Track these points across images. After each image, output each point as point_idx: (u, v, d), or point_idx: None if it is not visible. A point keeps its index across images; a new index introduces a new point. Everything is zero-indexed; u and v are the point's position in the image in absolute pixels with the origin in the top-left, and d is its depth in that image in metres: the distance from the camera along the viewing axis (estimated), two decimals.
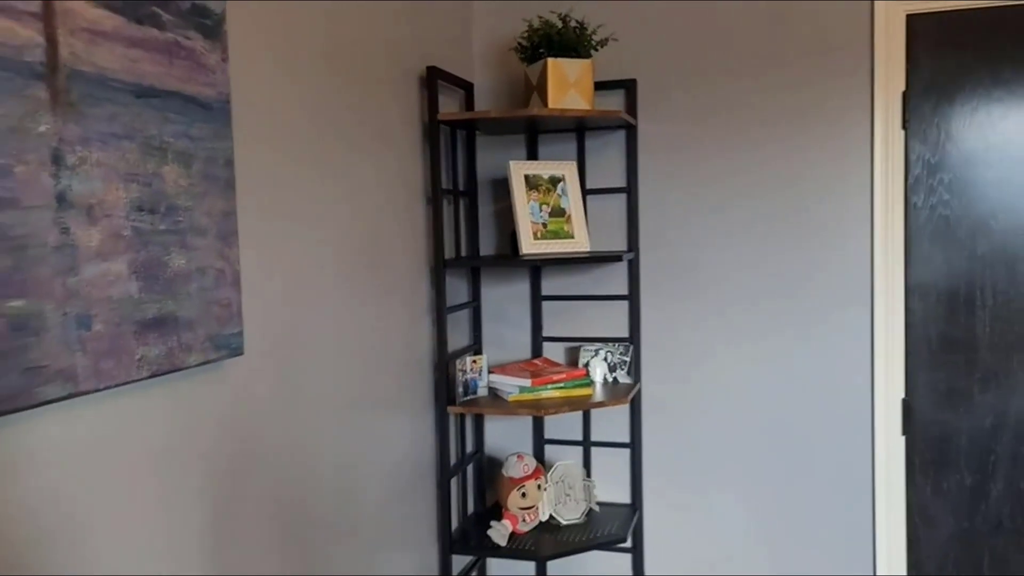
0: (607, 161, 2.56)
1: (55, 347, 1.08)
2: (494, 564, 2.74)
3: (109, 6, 1.17)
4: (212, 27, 1.38)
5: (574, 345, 2.63)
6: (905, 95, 2.29)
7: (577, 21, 2.33)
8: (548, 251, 2.36)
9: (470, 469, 2.61)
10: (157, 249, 1.26)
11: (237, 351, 1.44)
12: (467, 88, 2.53)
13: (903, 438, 2.36)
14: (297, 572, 1.68)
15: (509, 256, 2.43)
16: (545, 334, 2.66)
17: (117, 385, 1.18)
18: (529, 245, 2.33)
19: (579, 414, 2.64)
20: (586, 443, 2.64)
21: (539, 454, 2.66)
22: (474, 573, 2.59)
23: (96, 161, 1.14)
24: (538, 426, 2.67)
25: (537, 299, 2.64)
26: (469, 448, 2.61)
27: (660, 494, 2.59)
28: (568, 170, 2.45)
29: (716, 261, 2.49)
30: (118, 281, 1.18)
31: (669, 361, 2.55)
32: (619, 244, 2.57)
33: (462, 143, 2.56)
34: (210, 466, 1.43)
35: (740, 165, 2.45)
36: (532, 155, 2.61)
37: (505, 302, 2.68)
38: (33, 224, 1.05)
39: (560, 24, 2.30)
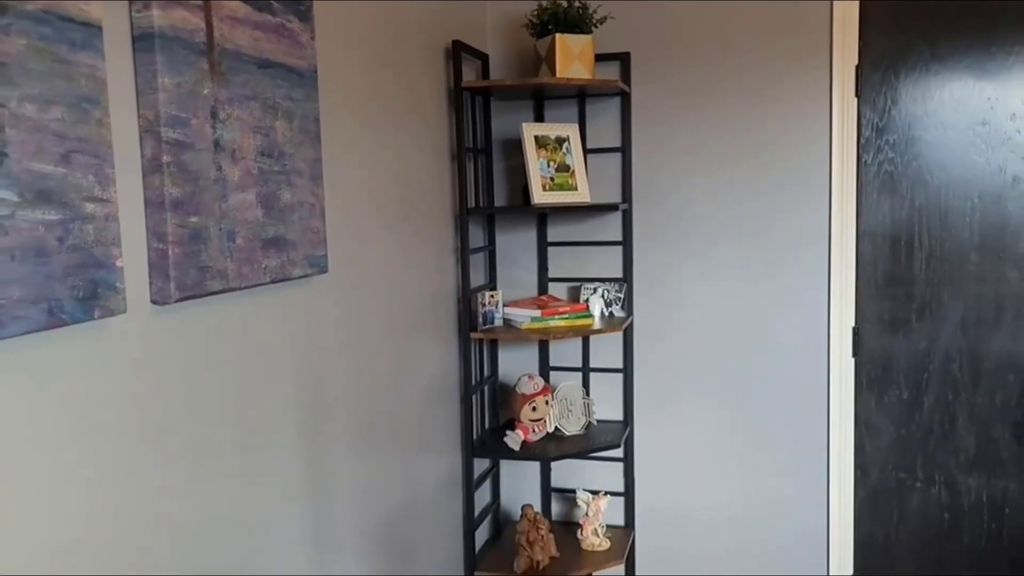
0: (604, 124, 2.96)
1: (215, 253, 1.47)
2: (506, 467, 3.17)
3: None
4: (304, 12, 1.76)
5: (575, 284, 3.05)
6: (858, 68, 2.69)
7: (580, 1, 2.71)
8: (555, 201, 2.76)
9: (486, 390, 3.03)
10: (273, 185, 1.65)
11: (324, 269, 1.84)
12: (483, 59, 2.91)
13: (853, 360, 2.80)
14: (354, 464, 2.09)
15: (521, 205, 2.83)
16: (550, 275, 3.07)
17: (251, 286, 1.58)
18: (539, 196, 2.73)
19: (579, 344, 3.06)
20: (585, 369, 3.07)
21: (544, 378, 3.08)
22: (489, 480, 3.03)
23: (236, 116, 1.53)
24: (544, 354, 3.09)
25: (544, 244, 3.05)
26: (486, 373, 3.03)
27: (647, 411, 3.02)
28: (571, 131, 2.84)
29: (697, 210, 2.90)
30: (250, 208, 1.57)
31: (657, 297, 2.98)
32: (615, 196, 2.98)
33: (480, 107, 2.94)
34: (305, 357, 1.83)
35: (719, 128, 2.85)
36: (539, 118, 3.00)
37: (516, 247, 3.08)
38: (201, 162, 1.44)
39: (566, 4, 2.68)
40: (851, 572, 2.85)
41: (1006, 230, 2.63)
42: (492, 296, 2.82)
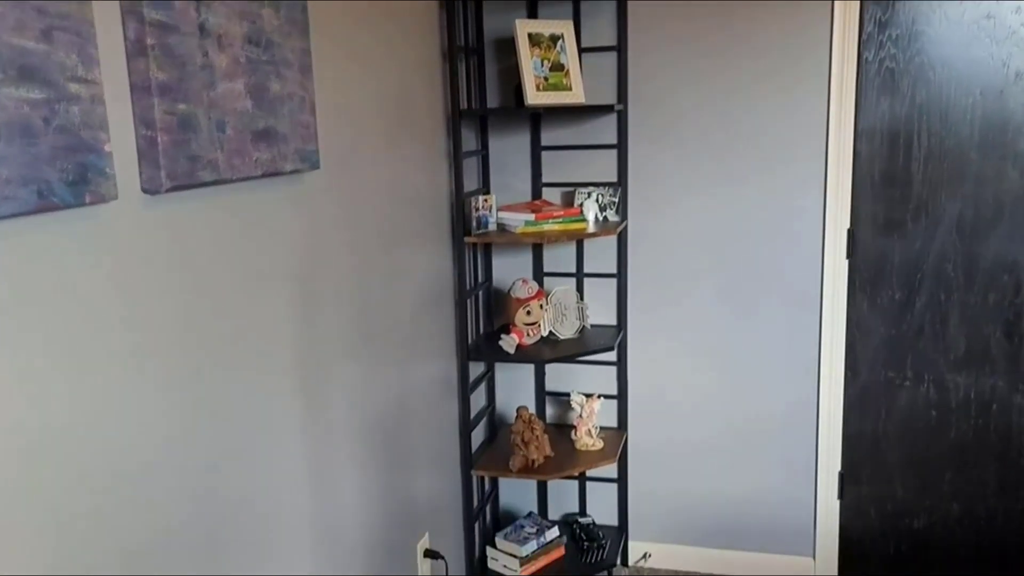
0: (600, 23, 2.88)
1: (205, 143, 1.44)
2: (501, 371, 3.20)
3: None
4: None
5: (569, 190, 3.02)
6: None
7: None
8: (550, 102, 2.70)
9: (480, 295, 3.04)
10: (261, 76, 1.60)
11: (315, 165, 1.80)
12: None
13: (847, 262, 2.81)
14: (350, 365, 2.10)
15: (514, 107, 2.78)
16: (544, 180, 3.04)
17: (243, 179, 1.55)
18: (533, 96, 2.67)
19: (573, 249, 3.06)
20: (579, 274, 3.07)
21: (539, 283, 3.08)
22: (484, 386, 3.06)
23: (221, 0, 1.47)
24: (538, 259, 3.08)
25: (537, 148, 3.00)
26: (480, 278, 3.02)
27: (641, 315, 3.04)
28: (566, 29, 2.76)
29: (694, 112, 2.86)
30: (239, 98, 1.53)
31: (652, 201, 2.96)
32: (610, 98, 2.92)
33: (472, 5, 2.85)
34: (300, 254, 1.82)
35: (717, 26, 2.78)
36: (532, 16, 2.91)
37: (509, 151, 3.04)
38: (187, 46, 1.39)
39: None
40: (839, 467, 2.93)
41: (1007, 127, 2.60)
42: (486, 200, 2.79)
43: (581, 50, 2.88)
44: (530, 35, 2.69)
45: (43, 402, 1.15)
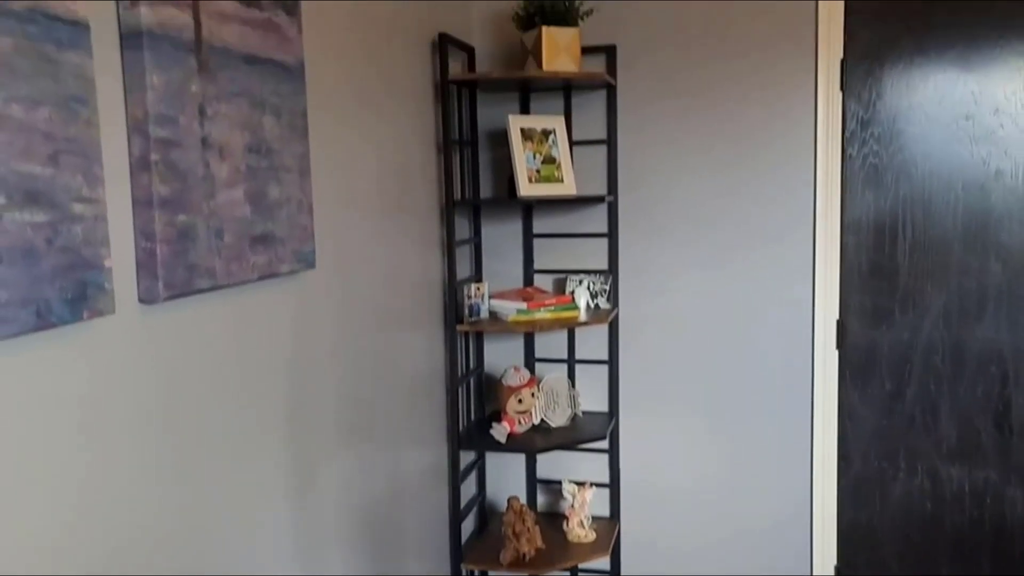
0: (591, 116, 2.96)
1: (203, 252, 1.46)
2: (492, 459, 3.18)
3: None
4: (291, 6, 1.74)
5: (561, 276, 3.05)
6: (843, 62, 2.71)
7: None
8: (541, 194, 2.75)
9: (472, 382, 3.03)
10: (261, 182, 1.63)
11: (311, 265, 1.83)
12: (469, 51, 2.89)
13: (837, 352, 2.83)
14: (341, 456, 2.09)
15: (507, 197, 2.83)
16: (536, 267, 3.07)
17: (239, 284, 1.56)
18: (525, 188, 2.72)
19: (565, 336, 3.07)
20: (571, 360, 3.08)
21: (530, 370, 3.09)
22: (475, 471, 3.04)
23: (224, 113, 1.51)
24: (529, 346, 3.09)
25: (529, 236, 3.04)
26: (472, 364, 3.03)
27: (633, 403, 3.04)
28: (558, 123, 2.83)
29: (683, 202, 2.91)
30: (238, 205, 1.56)
31: (642, 289, 2.99)
32: (601, 188, 2.98)
33: (465, 99, 2.93)
34: (293, 352, 1.82)
35: (704, 120, 2.86)
36: (525, 110, 2.99)
37: (502, 238, 3.08)
38: (189, 159, 1.42)
39: None
40: (834, 560, 2.89)
41: (989, 221, 2.66)
42: (478, 288, 2.81)
43: (572, 143, 2.95)
44: (522, 130, 2.75)
45: (44, 515, 1.14)
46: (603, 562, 3.05)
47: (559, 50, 2.65)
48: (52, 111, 1.12)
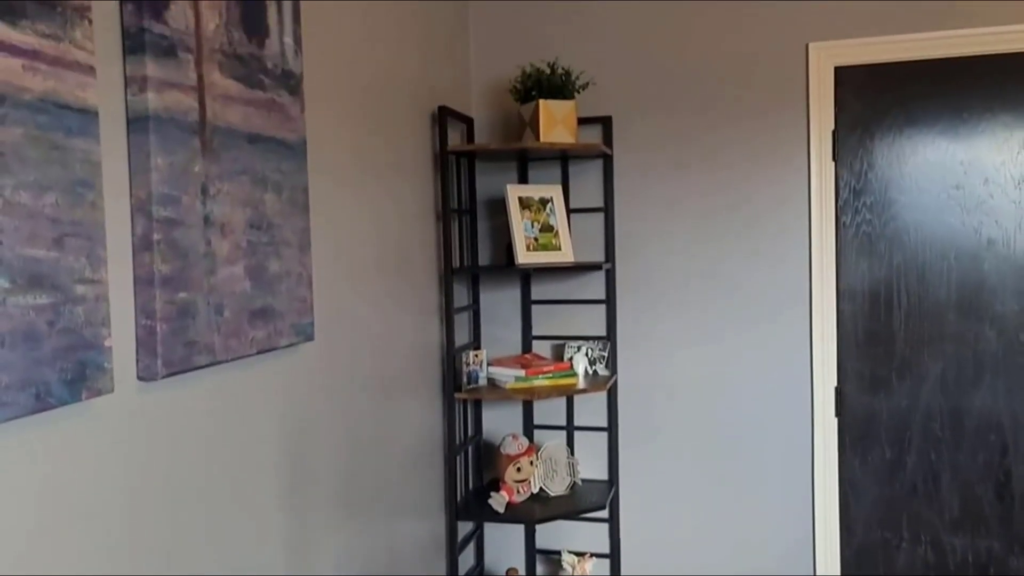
0: (588, 184, 3.00)
1: (203, 328, 1.47)
2: (491, 529, 3.13)
3: (235, 76, 1.57)
4: (294, 86, 1.78)
5: (559, 343, 3.06)
6: (835, 133, 2.76)
7: (563, 68, 2.77)
8: (539, 261, 2.78)
9: (470, 450, 3.01)
10: (261, 257, 1.66)
11: (310, 337, 1.84)
12: (468, 122, 2.95)
13: (836, 419, 2.82)
14: (338, 527, 2.07)
15: (505, 265, 2.85)
16: (534, 333, 3.08)
17: (237, 359, 1.57)
18: (523, 256, 2.75)
19: (563, 402, 3.06)
20: (570, 427, 3.06)
21: (529, 437, 3.07)
22: (473, 540, 2.99)
23: (226, 191, 1.54)
24: (528, 413, 3.08)
25: (527, 303, 3.06)
26: (470, 432, 3.01)
27: (633, 470, 3.01)
28: (555, 192, 2.88)
29: (680, 270, 2.94)
30: (238, 281, 1.58)
31: (640, 355, 2.99)
32: (598, 255, 3.01)
33: (465, 169, 2.98)
34: (290, 425, 1.82)
35: (699, 190, 2.90)
36: (523, 179, 3.04)
37: (500, 305, 3.10)
38: (191, 238, 1.44)
39: (549, 71, 2.74)
40: None
41: (983, 290, 2.68)
42: (476, 355, 2.82)
43: (570, 210, 2.99)
44: (520, 199, 2.79)
45: None
46: None
47: (556, 122, 2.71)
48: (59, 196, 1.15)
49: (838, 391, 2.81)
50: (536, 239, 2.80)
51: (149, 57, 1.33)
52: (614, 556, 2.99)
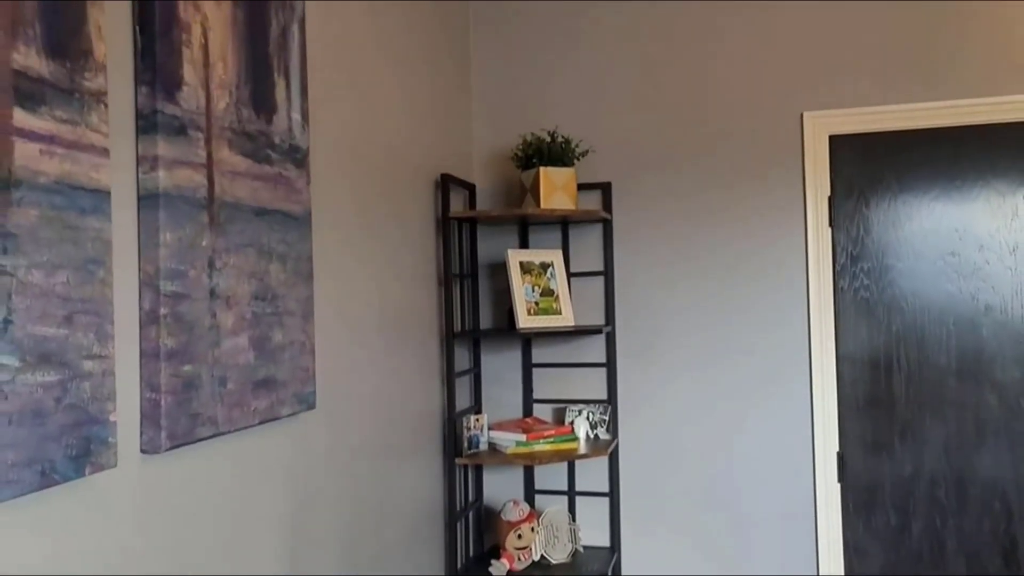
0: (587, 249, 3.04)
1: (206, 400, 1.48)
2: None
3: (243, 152, 1.61)
4: (301, 159, 1.83)
5: (560, 406, 3.06)
6: (831, 199, 2.81)
7: (563, 136, 2.83)
8: (540, 325, 2.80)
9: (471, 516, 2.99)
10: (265, 327, 1.68)
11: (312, 406, 1.85)
12: (470, 188, 3.01)
13: (839, 485, 2.80)
14: None
15: (506, 329, 2.87)
16: (535, 396, 3.08)
17: (239, 429, 1.58)
18: (524, 320, 2.77)
19: (565, 467, 3.05)
20: (571, 492, 3.04)
21: (530, 502, 3.05)
22: None
23: (232, 264, 1.57)
24: (529, 477, 3.07)
25: (528, 366, 3.07)
26: (471, 497, 2.99)
27: (634, 537, 2.98)
28: (556, 257, 2.91)
29: (680, 333, 2.95)
30: (242, 352, 1.60)
31: (642, 419, 2.99)
32: (598, 319, 3.03)
33: (466, 234, 3.02)
34: (292, 493, 1.82)
35: (698, 255, 2.93)
36: (524, 243, 3.07)
37: (501, 369, 3.10)
38: (197, 311, 1.47)
39: (549, 139, 2.80)
40: None
41: (982, 356, 2.69)
42: (477, 420, 2.82)
43: (570, 274, 3.02)
44: (521, 263, 2.83)
45: None
46: None
47: (556, 188, 2.76)
48: (70, 274, 1.17)
49: (840, 456, 2.80)
50: (537, 303, 2.82)
51: (161, 137, 1.37)
52: None
